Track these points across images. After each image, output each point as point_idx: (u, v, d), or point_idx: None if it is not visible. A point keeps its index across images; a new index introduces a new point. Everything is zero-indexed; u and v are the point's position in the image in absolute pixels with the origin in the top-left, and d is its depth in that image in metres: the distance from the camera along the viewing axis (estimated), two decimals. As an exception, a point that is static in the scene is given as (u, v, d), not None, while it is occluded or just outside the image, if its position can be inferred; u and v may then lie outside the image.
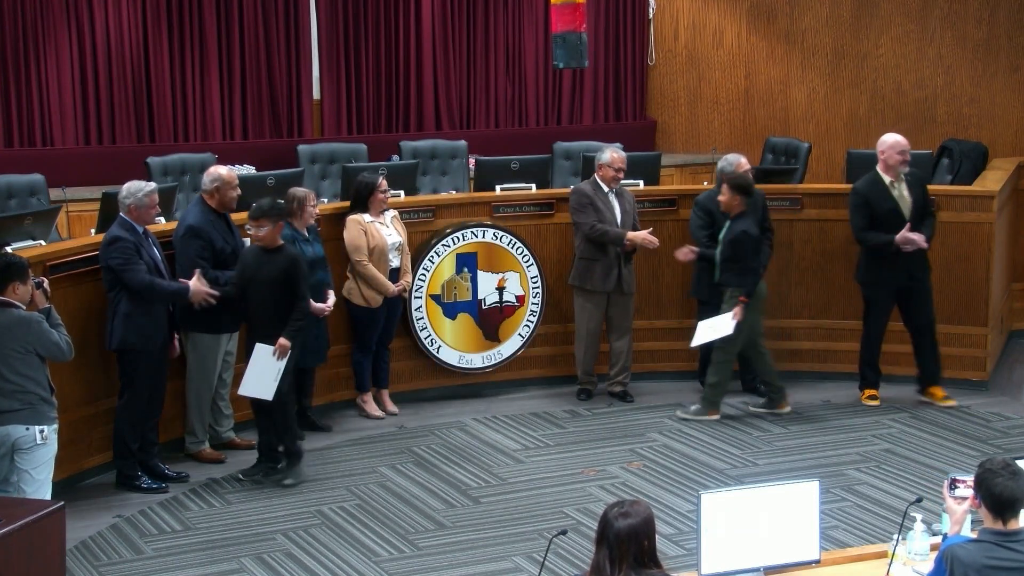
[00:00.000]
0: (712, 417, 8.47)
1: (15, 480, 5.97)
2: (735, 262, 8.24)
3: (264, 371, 7.23)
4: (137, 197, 7.18)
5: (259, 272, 7.27)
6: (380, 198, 8.34)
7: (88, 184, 10.16)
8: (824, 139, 12.25)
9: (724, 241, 8.30)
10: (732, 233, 8.25)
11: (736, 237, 8.21)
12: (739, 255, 8.22)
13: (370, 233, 8.29)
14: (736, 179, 8.30)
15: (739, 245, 8.21)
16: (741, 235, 8.20)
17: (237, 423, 8.05)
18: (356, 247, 8.28)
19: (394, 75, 11.97)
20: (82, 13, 10.70)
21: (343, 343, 8.61)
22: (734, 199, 8.25)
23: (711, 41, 12.84)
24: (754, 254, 8.28)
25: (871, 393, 8.84)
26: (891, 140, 8.51)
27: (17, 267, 6.08)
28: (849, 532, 6.74)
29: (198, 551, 6.59)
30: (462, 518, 7.03)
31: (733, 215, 8.29)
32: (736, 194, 8.24)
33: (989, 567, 4.12)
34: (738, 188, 8.25)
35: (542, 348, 9.23)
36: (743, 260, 8.22)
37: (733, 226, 8.27)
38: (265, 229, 7.24)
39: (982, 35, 11.77)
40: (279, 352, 7.22)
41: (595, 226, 8.62)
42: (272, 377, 7.23)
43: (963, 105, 11.88)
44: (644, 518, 3.94)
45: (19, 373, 5.98)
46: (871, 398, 8.82)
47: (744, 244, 8.21)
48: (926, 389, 8.78)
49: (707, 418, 8.46)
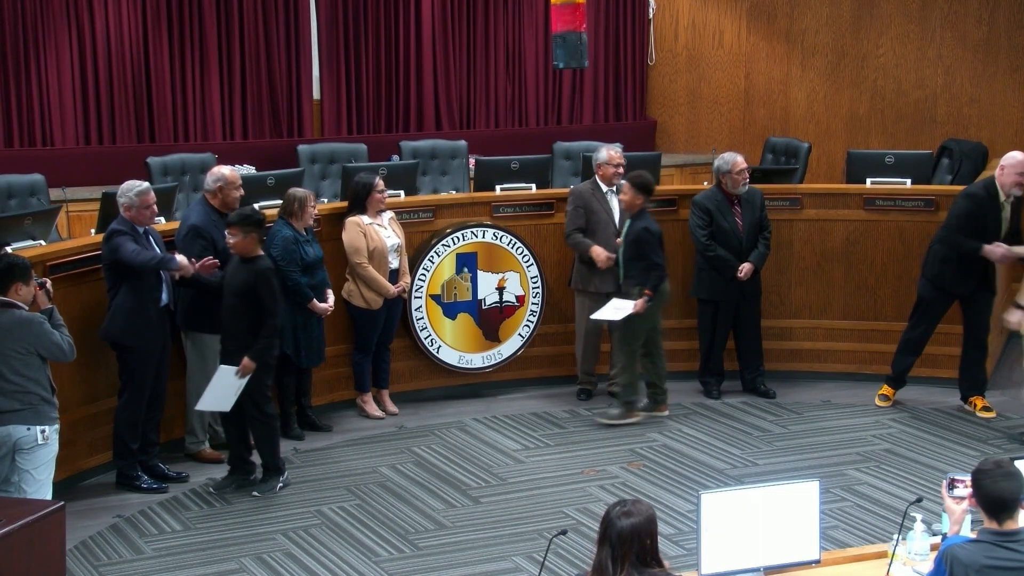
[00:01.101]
0: (633, 419, 8.38)
1: (16, 480, 5.97)
2: (639, 260, 8.21)
3: (225, 388, 7.16)
4: (129, 196, 7.15)
5: (231, 281, 7.18)
6: (378, 198, 8.34)
7: (88, 184, 10.16)
8: (824, 139, 12.26)
9: (626, 240, 8.27)
10: (634, 232, 8.21)
11: (639, 235, 8.17)
12: (643, 252, 8.20)
13: (369, 235, 8.29)
14: (637, 178, 8.27)
15: (642, 243, 8.18)
16: (643, 233, 8.17)
17: (237, 423, 8.04)
18: (356, 249, 8.27)
19: (394, 75, 11.97)
20: (82, 13, 10.69)
21: (342, 343, 8.61)
22: (636, 198, 8.22)
23: (711, 41, 12.85)
24: (657, 251, 8.26)
25: (885, 392, 8.80)
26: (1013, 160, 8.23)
27: (20, 268, 6.08)
28: (849, 532, 6.74)
29: (198, 551, 6.59)
30: (462, 518, 7.03)
31: (634, 213, 8.26)
32: (638, 193, 8.22)
33: (988, 567, 4.12)
34: (640, 187, 8.22)
35: (542, 348, 9.23)
36: (647, 257, 8.20)
37: (634, 224, 8.23)
38: (235, 238, 7.11)
39: (982, 35, 11.77)
40: (241, 372, 7.11)
41: (571, 235, 8.69)
42: (232, 393, 7.17)
43: (963, 105, 11.88)
44: (646, 517, 3.94)
45: (20, 374, 5.98)
46: (883, 398, 8.80)
47: (647, 241, 8.19)
48: (969, 398, 8.70)
49: (629, 421, 8.36)
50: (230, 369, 7.11)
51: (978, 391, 8.66)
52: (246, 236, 7.10)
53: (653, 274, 8.23)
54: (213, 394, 7.19)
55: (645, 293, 8.17)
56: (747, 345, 9.00)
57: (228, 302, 7.19)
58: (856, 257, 9.18)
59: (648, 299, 8.17)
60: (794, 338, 9.33)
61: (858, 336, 9.20)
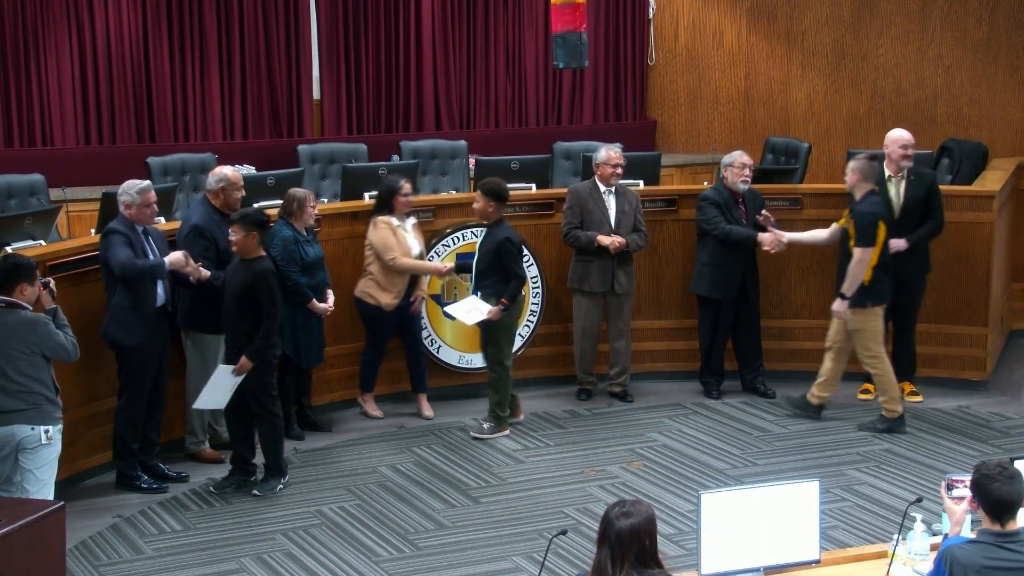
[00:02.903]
0: (503, 432, 8.23)
1: (18, 480, 5.97)
2: (498, 270, 7.98)
3: (221, 387, 7.18)
4: (131, 194, 7.16)
5: (231, 281, 7.20)
6: (403, 201, 8.31)
7: (88, 184, 10.15)
8: (824, 139, 12.25)
9: (484, 250, 8.02)
10: (495, 241, 7.97)
11: (500, 245, 7.94)
12: (503, 263, 7.97)
13: (398, 235, 8.27)
14: (490, 184, 8.07)
15: (503, 253, 7.95)
16: (505, 243, 7.96)
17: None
18: (387, 246, 8.20)
19: (394, 75, 11.97)
20: (82, 13, 10.69)
21: (343, 343, 8.61)
22: (488, 205, 8.01)
23: (711, 41, 12.84)
24: (519, 261, 8.07)
25: (866, 387, 8.85)
26: (895, 135, 8.57)
27: (25, 268, 6.09)
28: (849, 532, 6.74)
29: (198, 551, 6.60)
30: (462, 518, 7.03)
31: (490, 223, 8.06)
32: (490, 200, 8.00)
33: (988, 567, 4.12)
34: (492, 194, 8.00)
35: (542, 348, 9.23)
36: (507, 268, 7.97)
37: (495, 233, 8.01)
38: (237, 236, 7.13)
39: (982, 35, 11.77)
40: (237, 370, 7.12)
41: (568, 232, 8.65)
42: (227, 391, 7.18)
43: (963, 105, 11.88)
44: (646, 517, 3.94)
45: (24, 374, 5.99)
46: (864, 392, 8.83)
47: (509, 252, 7.97)
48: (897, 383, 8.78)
49: (500, 434, 8.21)
50: (228, 368, 7.12)
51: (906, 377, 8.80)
52: (247, 235, 7.10)
53: (512, 284, 8.01)
54: (210, 393, 7.19)
55: (502, 303, 7.95)
56: (747, 345, 9.01)
57: (228, 302, 7.20)
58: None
59: (504, 308, 7.98)
60: (794, 338, 9.33)
61: (858, 336, 9.20)
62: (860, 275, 8.00)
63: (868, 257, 7.98)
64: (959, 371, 9.10)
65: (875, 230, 7.98)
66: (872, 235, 7.98)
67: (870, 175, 8.11)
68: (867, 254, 7.98)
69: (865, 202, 8.05)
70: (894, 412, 8.24)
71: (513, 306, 8.11)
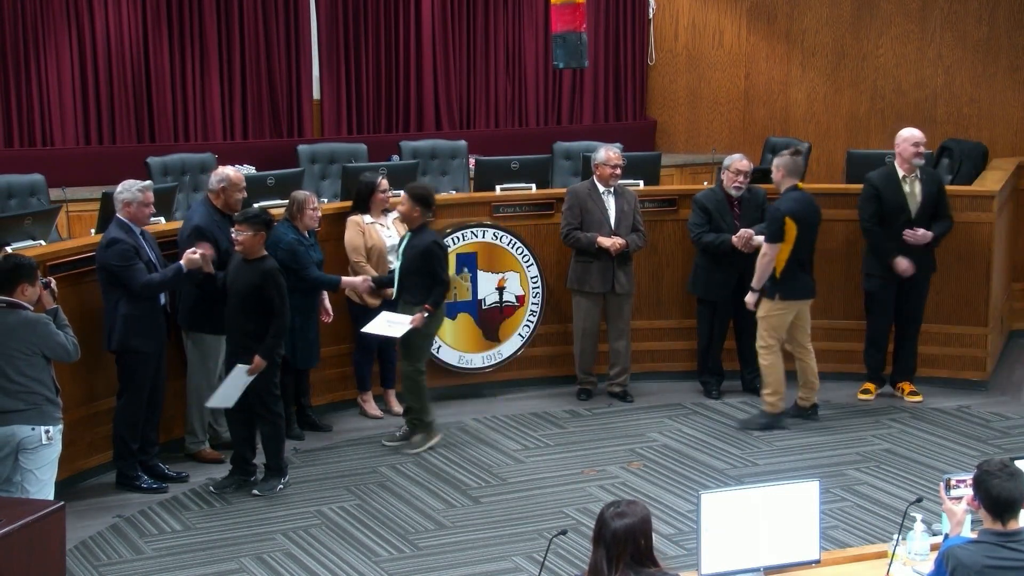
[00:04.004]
0: (434, 440, 7.98)
1: (19, 480, 5.97)
2: (424, 275, 7.73)
3: (236, 386, 7.19)
4: (132, 192, 7.16)
5: (235, 282, 7.20)
6: (380, 198, 8.34)
7: (88, 184, 10.15)
8: (824, 139, 12.25)
9: (409, 255, 7.74)
10: (421, 245, 7.70)
11: (428, 249, 7.69)
12: (430, 268, 7.72)
13: (368, 234, 8.29)
14: (418, 189, 7.82)
15: (432, 257, 7.70)
16: (434, 246, 7.72)
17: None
18: (353, 247, 8.28)
19: (394, 75, 11.96)
20: (82, 13, 10.69)
21: (341, 344, 8.61)
22: (414, 210, 7.72)
23: (711, 41, 12.84)
24: (445, 266, 7.85)
25: (866, 387, 8.85)
26: (906, 133, 8.59)
27: (27, 268, 6.09)
28: (849, 532, 6.74)
29: (198, 551, 6.60)
30: (462, 518, 7.03)
31: (414, 228, 7.80)
32: (416, 204, 7.72)
33: (990, 567, 4.12)
34: (419, 199, 7.73)
35: (542, 348, 9.23)
36: (433, 273, 7.73)
37: (422, 237, 7.73)
38: (244, 235, 7.12)
39: (982, 35, 11.76)
40: (252, 369, 7.12)
41: (568, 233, 8.65)
42: (238, 390, 7.19)
43: (963, 105, 11.88)
44: (641, 517, 3.94)
45: (25, 374, 5.99)
46: (864, 392, 8.84)
47: (437, 256, 7.74)
48: (897, 383, 8.87)
49: (433, 443, 7.97)
50: (244, 368, 7.13)
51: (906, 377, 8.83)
52: (255, 235, 7.12)
53: (437, 290, 7.76)
54: (224, 392, 7.21)
55: (426, 309, 7.69)
56: (747, 345, 8.98)
57: (233, 303, 7.20)
58: (856, 257, 9.16)
59: (428, 315, 7.72)
60: (794, 338, 9.32)
61: (858, 336, 9.19)
62: (767, 269, 8.08)
63: (775, 252, 8.04)
64: (959, 371, 9.10)
65: (782, 227, 8.03)
66: (779, 231, 8.04)
67: (794, 170, 8.18)
68: (774, 249, 8.04)
69: (783, 198, 8.14)
70: (776, 407, 8.27)
71: (437, 313, 7.86)
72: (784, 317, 8.20)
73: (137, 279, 7.08)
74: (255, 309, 7.13)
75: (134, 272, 7.08)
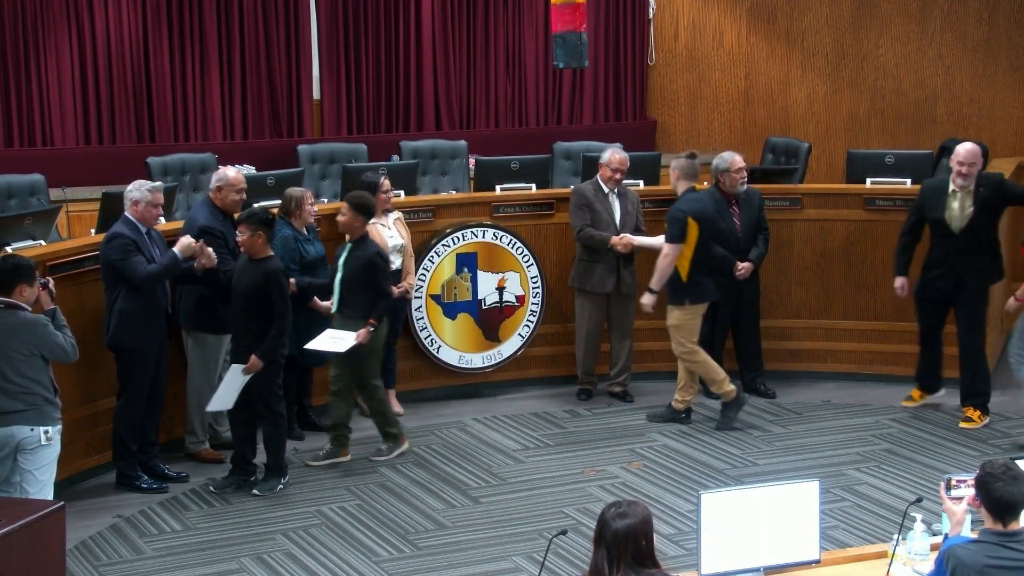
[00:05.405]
0: (403, 447, 7.90)
1: (18, 480, 5.97)
2: (366, 288, 7.53)
3: (233, 387, 7.18)
4: (141, 191, 7.18)
5: (239, 282, 7.20)
6: (382, 198, 8.32)
7: (88, 184, 10.15)
8: (824, 139, 12.25)
9: (351, 267, 7.52)
10: (364, 257, 7.50)
11: (371, 262, 7.49)
12: (373, 280, 7.53)
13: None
14: (358, 199, 7.62)
15: (375, 270, 7.51)
16: (376, 258, 7.52)
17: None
18: None
19: (394, 75, 11.96)
20: (82, 13, 10.69)
21: (343, 343, 8.61)
22: (356, 220, 7.54)
23: (711, 41, 12.84)
24: (388, 279, 7.69)
25: (912, 393, 8.76)
26: (957, 150, 8.29)
27: (25, 269, 6.08)
28: (849, 532, 6.74)
29: (198, 551, 6.60)
30: (462, 518, 7.03)
31: (355, 238, 7.59)
32: (358, 214, 7.54)
33: (990, 567, 4.12)
34: (360, 208, 7.55)
35: (542, 348, 9.23)
36: (377, 285, 7.54)
37: (362, 249, 7.54)
38: (243, 236, 7.12)
39: (982, 35, 11.77)
40: (247, 369, 7.12)
41: (582, 230, 8.65)
42: (236, 391, 7.19)
43: (963, 105, 11.88)
44: (642, 518, 3.94)
45: (23, 375, 5.98)
46: (908, 398, 8.77)
47: (380, 269, 7.56)
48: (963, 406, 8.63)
49: (401, 449, 7.88)
50: (239, 368, 7.13)
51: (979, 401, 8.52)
52: (253, 234, 7.11)
53: (381, 303, 7.58)
54: (221, 394, 7.21)
55: (370, 323, 7.50)
56: (746, 345, 9.00)
57: (237, 302, 7.21)
58: (856, 257, 9.18)
59: (373, 329, 7.54)
60: (794, 338, 9.33)
61: (858, 336, 9.20)
62: (666, 270, 8.10)
63: (675, 253, 8.06)
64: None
65: (682, 228, 8.05)
66: (678, 232, 8.06)
67: (691, 173, 8.23)
68: (674, 250, 8.06)
69: (681, 199, 8.17)
70: (730, 392, 8.27)
71: (381, 326, 7.65)
72: (696, 320, 8.24)
73: (137, 270, 7.06)
74: (258, 309, 7.13)
75: (133, 264, 7.07)
